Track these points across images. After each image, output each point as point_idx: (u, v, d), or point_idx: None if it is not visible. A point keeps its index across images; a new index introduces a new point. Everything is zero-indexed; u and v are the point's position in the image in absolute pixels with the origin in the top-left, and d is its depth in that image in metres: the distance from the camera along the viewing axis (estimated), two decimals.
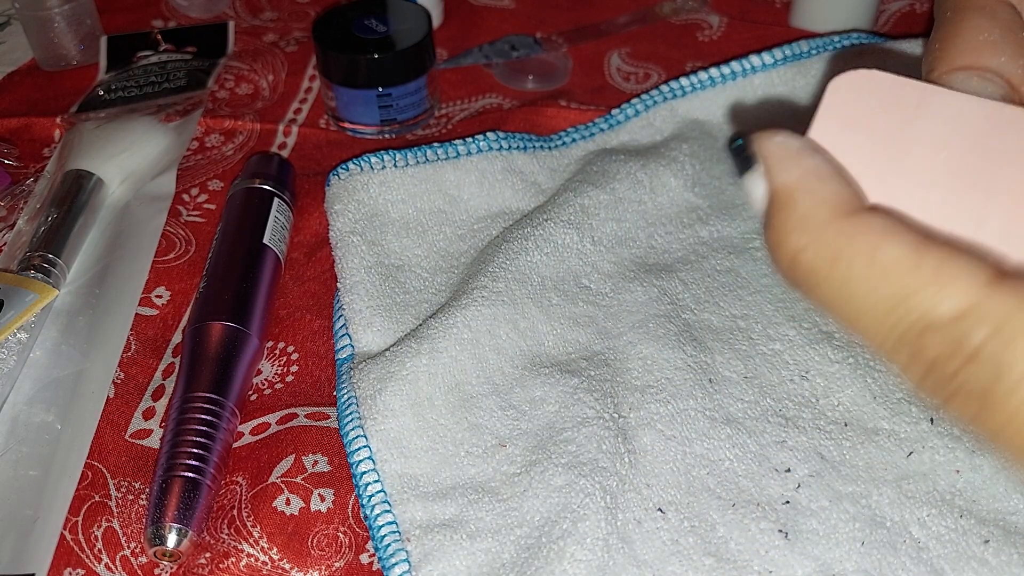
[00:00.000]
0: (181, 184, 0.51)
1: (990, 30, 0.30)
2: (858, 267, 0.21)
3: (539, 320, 0.40)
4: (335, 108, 0.54)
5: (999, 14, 0.31)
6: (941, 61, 0.30)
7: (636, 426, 0.37)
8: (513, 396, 0.38)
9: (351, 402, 0.38)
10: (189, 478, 0.35)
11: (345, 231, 0.44)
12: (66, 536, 0.36)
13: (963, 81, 0.29)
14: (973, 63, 0.30)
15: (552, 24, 0.62)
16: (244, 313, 0.41)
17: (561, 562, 0.32)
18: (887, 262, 0.21)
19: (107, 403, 0.40)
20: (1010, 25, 0.30)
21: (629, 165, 0.46)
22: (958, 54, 0.30)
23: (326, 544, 0.35)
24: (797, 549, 0.33)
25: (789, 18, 0.61)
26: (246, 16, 0.65)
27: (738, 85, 0.50)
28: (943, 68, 0.30)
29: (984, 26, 0.30)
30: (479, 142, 0.46)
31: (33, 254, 0.45)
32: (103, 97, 0.57)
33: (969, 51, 0.30)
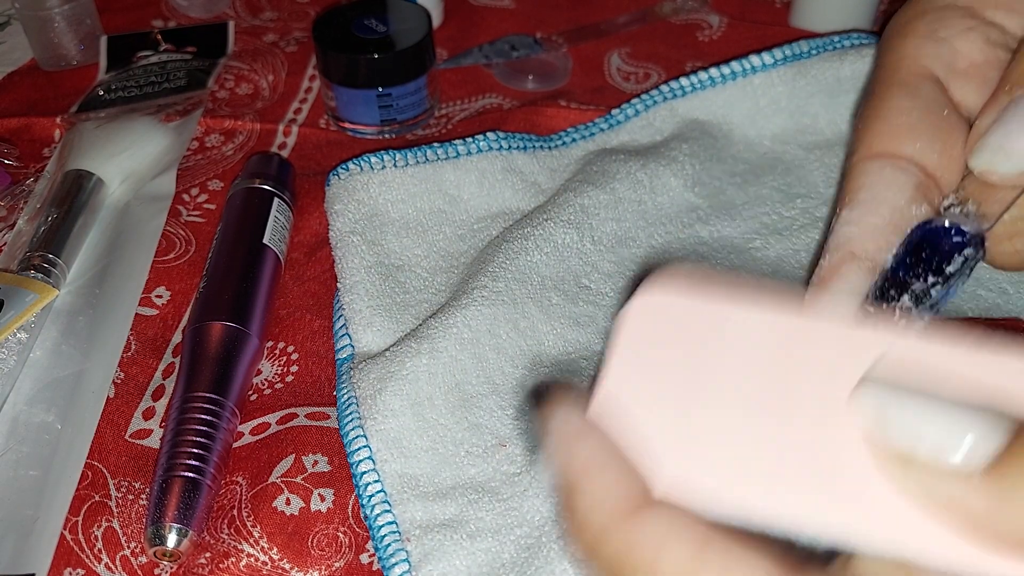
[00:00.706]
0: (181, 184, 0.51)
1: (909, 112, 0.30)
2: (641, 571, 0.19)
3: (539, 320, 0.40)
4: (335, 108, 0.54)
5: (921, 92, 0.31)
6: (860, 145, 0.31)
7: None
8: (513, 396, 0.38)
9: (351, 402, 0.38)
10: (189, 478, 0.35)
11: (345, 231, 0.44)
12: (66, 536, 0.36)
13: (878, 170, 0.30)
14: (888, 150, 0.30)
15: (552, 24, 0.62)
16: (244, 313, 0.41)
17: (561, 562, 0.32)
18: (668, 572, 0.19)
19: (107, 403, 0.40)
20: (930, 105, 0.31)
21: (629, 165, 0.46)
22: (876, 138, 0.30)
23: (326, 544, 0.35)
24: None
25: (789, 18, 0.61)
26: (246, 16, 0.65)
27: (738, 85, 0.49)
28: (861, 154, 0.31)
29: (904, 107, 0.31)
30: (479, 142, 0.46)
31: (33, 254, 0.45)
32: (103, 97, 0.57)
33: (886, 136, 0.30)
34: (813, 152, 0.49)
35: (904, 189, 0.29)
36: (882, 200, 0.29)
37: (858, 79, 0.48)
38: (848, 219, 0.29)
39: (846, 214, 0.30)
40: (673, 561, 0.19)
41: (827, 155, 0.48)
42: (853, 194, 0.30)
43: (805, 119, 0.50)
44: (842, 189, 0.31)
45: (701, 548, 0.19)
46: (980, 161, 0.28)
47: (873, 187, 0.29)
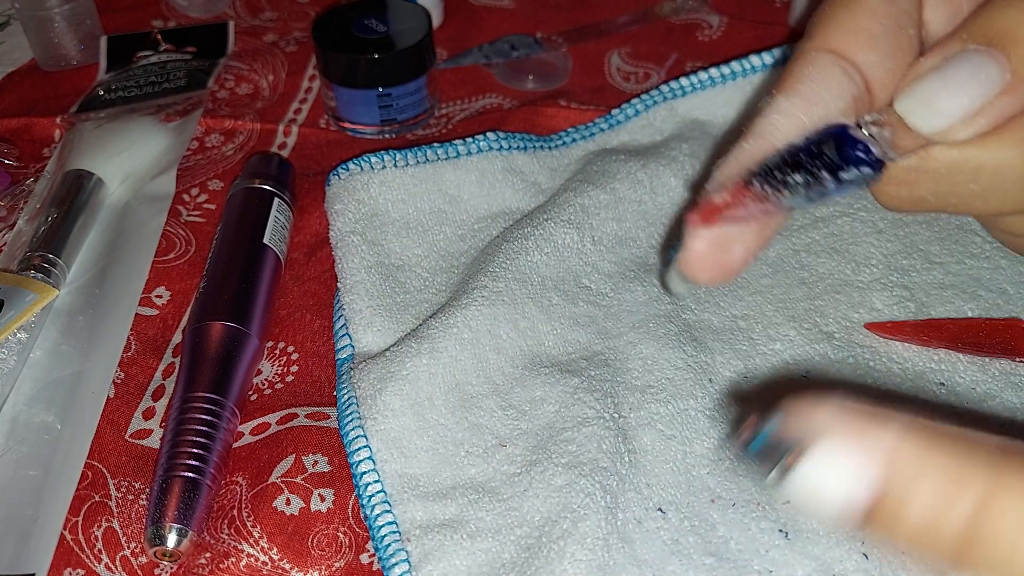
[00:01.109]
0: (181, 184, 0.51)
1: (880, 18, 0.29)
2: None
3: (539, 320, 0.40)
4: (335, 108, 0.54)
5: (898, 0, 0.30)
6: (821, 31, 0.30)
7: (636, 426, 0.37)
8: (513, 396, 0.38)
9: (351, 402, 0.38)
10: (189, 478, 0.35)
11: (345, 231, 0.44)
12: (66, 536, 0.36)
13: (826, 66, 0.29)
14: (843, 50, 0.29)
15: (552, 24, 0.62)
16: (244, 313, 0.41)
17: (561, 562, 0.32)
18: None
19: (107, 403, 0.40)
20: (900, 19, 0.29)
21: (629, 165, 0.46)
22: (836, 32, 0.29)
23: (326, 544, 0.35)
24: (797, 548, 0.33)
25: (789, 18, 0.61)
26: (246, 16, 0.65)
27: (738, 85, 0.49)
28: (816, 42, 0.29)
29: (877, 10, 0.29)
30: (479, 142, 0.46)
31: (33, 254, 0.45)
32: (103, 97, 0.57)
33: (847, 35, 0.29)
34: None
35: (843, 97, 0.28)
36: (818, 100, 0.28)
37: None
38: (781, 107, 0.28)
39: (782, 101, 0.29)
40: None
41: None
42: (794, 82, 0.29)
43: None
44: (786, 71, 0.30)
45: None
46: (904, 106, 0.27)
47: (815, 83, 0.29)
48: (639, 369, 0.39)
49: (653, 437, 0.36)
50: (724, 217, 0.26)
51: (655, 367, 0.39)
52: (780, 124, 0.28)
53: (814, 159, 0.27)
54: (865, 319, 0.40)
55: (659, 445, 0.36)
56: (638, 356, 0.39)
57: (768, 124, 0.28)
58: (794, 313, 0.41)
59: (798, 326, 0.40)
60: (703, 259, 0.27)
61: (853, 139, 0.27)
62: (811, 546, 0.33)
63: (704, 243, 0.27)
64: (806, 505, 0.20)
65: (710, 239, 0.27)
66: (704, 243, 0.27)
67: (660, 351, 0.39)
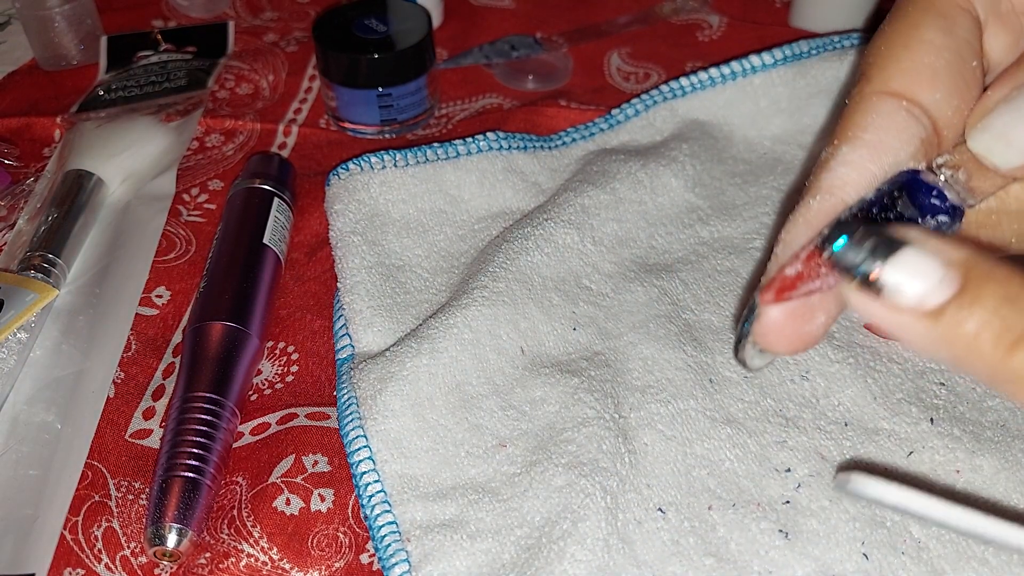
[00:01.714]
0: (181, 184, 0.51)
1: (939, 53, 0.27)
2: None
3: (540, 320, 0.40)
4: (335, 108, 0.54)
5: (957, 31, 0.28)
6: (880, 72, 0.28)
7: (636, 426, 0.37)
8: (513, 396, 0.38)
9: (351, 402, 0.38)
10: (189, 478, 0.35)
11: (345, 231, 0.44)
12: (66, 536, 0.36)
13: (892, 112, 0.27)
14: (907, 92, 0.27)
15: (552, 24, 0.62)
16: (244, 313, 0.41)
17: (561, 562, 0.32)
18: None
19: (107, 403, 0.40)
20: (962, 51, 0.28)
21: (629, 165, 0.46)
22: (897, 73, 0.28)
23: (326, 544, 0.35)
24: (797, 549, 0.33)
25: (789, 18, 0.61)
26: (246, 16, 0.65)
27: (738, 85, 0.49)
28: (877, 85, 0.28)
29: (936, 44, 0.27)
30: (479, 142, 0.46)
31: (33, 254, 0.45)
32: (103, 97, 0.57)
33: (909, 74, 0.27)
34: None
35: (911, 142, 0.27)
36: (887, 149, 0.26)
37: None
38: (848, 159, 0.27)
39: (847, 152, 0.27)
40: None
41: None
42: (858, 131, 0.27)
43: (805, 119, 0.50)
44: (846, 118, 0.28)
45: None
46: (979, 143, 0.26)
47: (881, 130, 0.27)
48: (639, 369, 0.39)
49: (653, 437, 0.36)
50: (799, 291, 0.24)
51: (655, 367, 0.39)
52: (848, 177, 0.26)
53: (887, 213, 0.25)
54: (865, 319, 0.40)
55: (659, 446, 0.36)
56: (638, 356, 0.39)
57: (836, 178, 0.27)
58: None
59: None
60: (782, 331, 0.25)
61: (927, 186, 0.25)
62: (811, 546, 0.33)
63: (781, 313, 0.25)
64: (896, 291, 0.21)
65: (788, 309, 0.25)
66: (781, 313, 0.25)
67: (660, 351, 0.39)
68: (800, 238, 0.26)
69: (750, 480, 0.35)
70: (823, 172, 0.27)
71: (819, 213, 0.26)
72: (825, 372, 0.38)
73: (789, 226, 0.27)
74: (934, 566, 0.32)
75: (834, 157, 0.27)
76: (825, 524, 0.34)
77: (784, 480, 0.35)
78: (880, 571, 0.32)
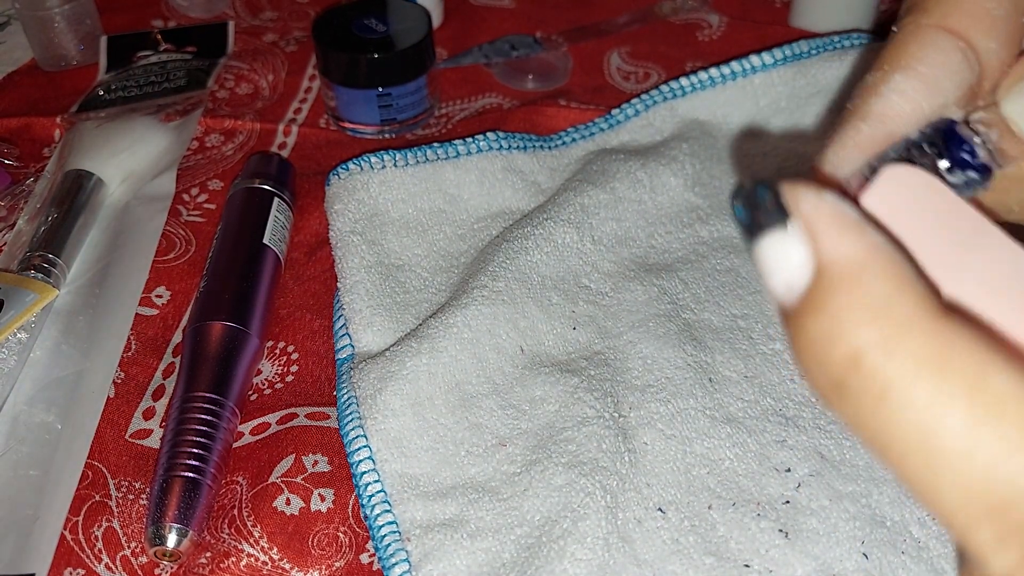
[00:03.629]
0: (181, 184, 0.51)
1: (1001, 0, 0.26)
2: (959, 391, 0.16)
3: (539, 319, 0.40)
4: (335, 108, 0.54)
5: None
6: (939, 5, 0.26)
7: (636, 425, 0.37)
8: (513, 395, 0.38)
9: (351, 402, 0.38)
10: (189, 478, 0.35)
11: (345, 231, 0.44)
12: (66, 536, 0.36)
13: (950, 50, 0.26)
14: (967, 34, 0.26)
15: (552, 24, 0.62)
16: (244, 313, 0.41)
17: (561, 561, 0.32)
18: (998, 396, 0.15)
19: (107, 403, 0.40)
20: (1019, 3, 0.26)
21: (629, 164, 0.46)
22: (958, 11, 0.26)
23: (326, 544, 0.35)
24: (797, 548, 0.33)
25: (789, 18, 0.61)
26: (246, 16, 0.65)
27: (738, 85, 0.50)
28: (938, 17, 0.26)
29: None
30: (479, 142, 0.46)
31: (33, 254, 0.45)
32: (103, 97, 0.57)
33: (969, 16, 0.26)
34: None
35: (961, 87, 0.26)
36: (940, 88, 0.25)
37: (858, 79, 0.48)
38: (902, 88, 0.26)
39: (900, 80, 0.26)
40: (1003, 382, 0.16)
41: None
42: (913, 61, 0.26)
43: (805, 119, 0.50)
44: (899, 45, 0.27)
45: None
46: (1010, 109, 0.25)
47: (937, 66, 0.26)
48: (639, 368, 0.39)
49: (653, 436, 0.36)
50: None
51: (655, 366, 0.39)
52: (901, 108, 0.25)
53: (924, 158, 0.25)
54: None
55: (659, 445, 0.36)
56: (638, 355, 0.39)
57: (889, 106, 0.25)
58: None
59: None
60: None
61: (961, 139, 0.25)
62: (811, 546, 0.33)
63: None
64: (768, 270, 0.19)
65: None
66: None
67: (660, 350, 0.39)
68: (848, 163, 0.25)
69: (750, 479, 0.35)
70: (874, 97, 0.26)
71: (871, 139, 0.25)
72: None
73: (837, 147, 0.26)
74: (934, 565, 0.32)
75: (886, 83, 0.26)
76: (825, 523, 0.34)
77: (784, 479, 0.35)
78: (880, 570, 0.32)
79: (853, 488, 0.35)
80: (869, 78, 0.27)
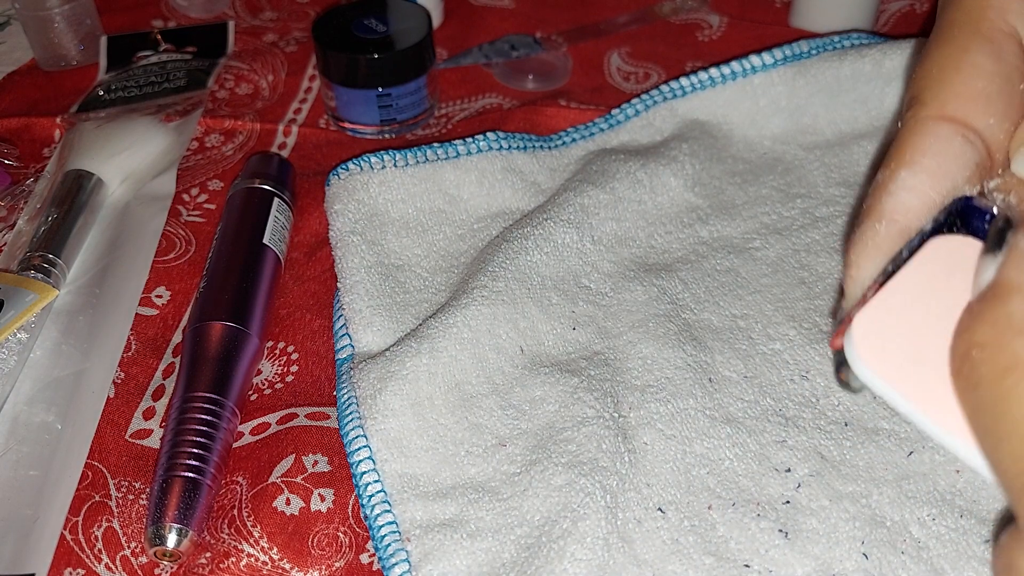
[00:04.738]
0: (181, 184, 0.51)
1: (991, 78, 0.28)
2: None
3: (539, 319, 0.40)
4: (335, 108, 0.54)
5: (1005, 55, 0.29)
6: (934, 97, 0.29)
7: (636, 425, 0.37)
8: (513, 395, 0.38)
9: (351, 402, 0.38)
10: (189, 478, 0.35)
11: (345, 231, 0.44)
12: (66, 536, 0.36)
13: (949, 137, 0.28)
14: (962, 117, 0.28)
15: (552, 24, 0.62)
16: (244, 313, 0.41)
17: (561, 561, 0.32)
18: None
19: (107, 403, 0.40)
20: (1011, 74, 0.28)
21: (629, 165, 0.46)
22: (952, 98, 0.28)
23: (326, 544, 0.35)
24: (797, 548, 0.33)
25: (789, 18, 0.61)
26: (246, 16, 0.65)
27: (738, 85, 0.50)
28: (933, 110, 0.28)
29: (987, 69, 0.28)
30: (479, 142, 0.46)
31: (33, 254, 0.45)
32: (103, 97, 0.57)
33: (963, 99, 0.28)
34: (813, 152, 0.49)
35: (968, 167, 0.27)
36: (946, 175, 0.27)
37: (858, 79, 0.48)
38: (909, 184, 0.27)
39: (907, 176, 0.27)
40: None
41: (827, 155, 0.48)
42: (917, 155, 0.28)
43: (805, 119, 0.50)
44: (903, 141, 0.28)
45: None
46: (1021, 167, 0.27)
47: (940, 156, 0.27)
48: (639, 368, 0.39)
49: (653, 436, 0.36)
50: None
51: (655, 367, 0.39)
52: (911, 203, 0.27)
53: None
54: None
55: (659, 445, 0.36)
56: (638, 356, 0.39)
57: (899, 204, 0.27)
58: (794, 313, 0.41)
59: (798, 326, 0.40)
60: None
61: (980, 211, 0.26)
62: (811, 546, 0.33)
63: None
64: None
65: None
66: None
67: (660, 350, 0.39)
68: (871, 266, 0.27)
69: (750, 479, 0.35)
70: (885, 196, 0.28)
71: (887, 239, 0.27)
72: (825, 372, 0.38)
73: (858, 252, 0.28)
74: (934, 565, 0.32)
75: (894, 181, 0.28)
76: (825, 523, 0.34)
77: (784, 479, 0.35)
78: (880, 570, 0.32)
79: (853, 488, 0.35)
80: (879, 176, 0.28)
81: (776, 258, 0.43)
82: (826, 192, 0.46)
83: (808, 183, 0.47)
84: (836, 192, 0.46)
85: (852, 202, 0.46)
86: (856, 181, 0.47)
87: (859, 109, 0.49)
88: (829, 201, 0.46)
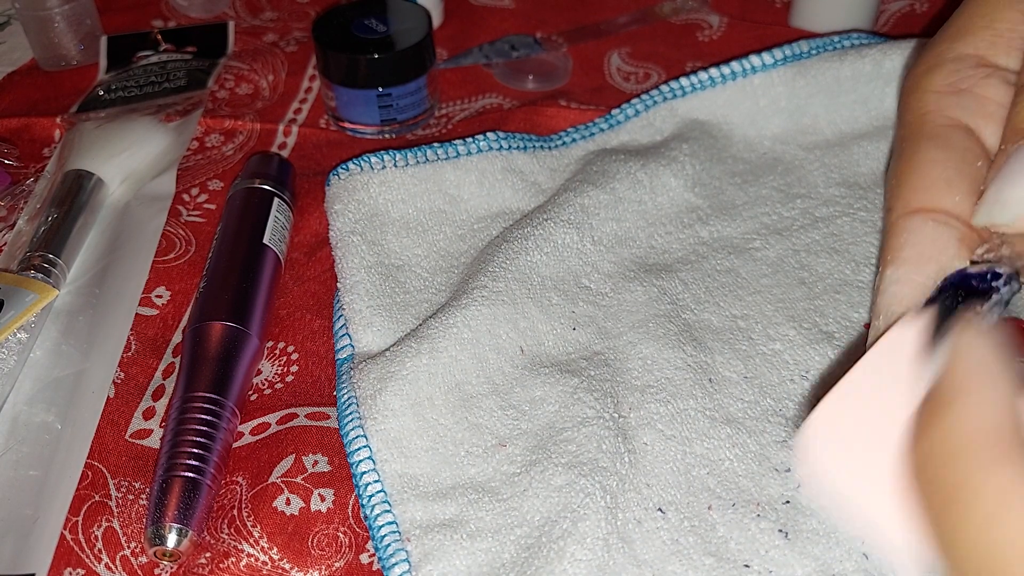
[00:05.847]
0: (181, 184, 0.51)
1: (944, 164, 0.30)
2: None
3: (539, 320, 0.40)
4: (335, 108, 0.54)
5: (953, 143, 0.31)
6: (898, 201, 0.31)
7: (636, 426, 0.37)
8: (513, 396, 0.38)
9: (351, 402, 0.38)
10: (189, 478, 0.35)
11: (345, 231, 0.44)
12: (66, 536, 0.36)
13: (920, 227, 0.29)
14: (927, 205, 0.30)
15: (552, 24, 0.62)
16: (244, 313, 0.41)
17: (561, 562, 0.32)
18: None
19: (107, 403, 0.40)
20: (964, 156, 0.30)
21: (629, 165, 0.46)
22: (913, 193, 0.30)
23: (326, 544, 0.35)
24: (797, 549, 0.33)
25: (789, 18, 0.61)
26: (246, 16, 0.65)
27: (738, 85, 0.49)
28: (899, 211, 0.30)
29: (938, 159, 0.30)
30: (479, 142, 0.46)
31: (33, 254, 0.45)
32: (103, 97, 0.57)
33: (923, 191, 0.30)
34: (813, 152, 0.49)
35: (948, 244, 0.29)
36: (928, 258, 0.29)
37: (858, 79, 0.48)
38: (895, 278, 0.29)
39: (891, 273, 0.29)
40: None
41: (827, 155, 0.48)
42: (896, 252, 0.30)
43: (805, 119, 0.50)
44: (884, 247, 0.31)
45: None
46: (980, 217, 0.29)
47: (917, 244, 0.29)
48: (639, 369, 0.39)
49: (653, 437, 0.36)
50: None
51: (655, 367, 0.39)
52: (900, 293, 0.29)
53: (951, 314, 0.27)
54: (865, 319, 0.40)
55: (659, 445, 0.36)
56: (638, 356, 0.39)
57: (889, 297, 0.29)
58: (794, 313, 0.41)
59: (798, 326, 0.40)
60: None
61: (977, 275, 0.28)
62: (811, 546, 0.33)
63: None
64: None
65: None
66: None
67: (660, 351, 0.39)
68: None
69: (750, 480, 0.35)
70: (879, 296, 0.30)
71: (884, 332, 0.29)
72: (825, 372, 0.38)
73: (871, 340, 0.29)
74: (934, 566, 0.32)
75: (883, 280, 0.30)
76: (825, 523, 0.34)
77: (784, 480, 0.35)
78: (880, 571, 0.32)
79: None
80: (875, 280, 0.31)
81: (776, 258, 0.43)
82: (826, 192, 0.46)
83: (808, 183, 0.47)
84: (836, 192, 0.46)
85: (852, 202, 0.46)
86: (856, 181, 0.47)
87: (859, 109, 0.49)
88: (829, 201, 0.46)
